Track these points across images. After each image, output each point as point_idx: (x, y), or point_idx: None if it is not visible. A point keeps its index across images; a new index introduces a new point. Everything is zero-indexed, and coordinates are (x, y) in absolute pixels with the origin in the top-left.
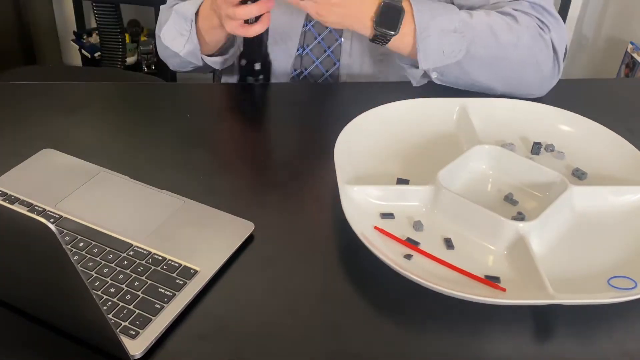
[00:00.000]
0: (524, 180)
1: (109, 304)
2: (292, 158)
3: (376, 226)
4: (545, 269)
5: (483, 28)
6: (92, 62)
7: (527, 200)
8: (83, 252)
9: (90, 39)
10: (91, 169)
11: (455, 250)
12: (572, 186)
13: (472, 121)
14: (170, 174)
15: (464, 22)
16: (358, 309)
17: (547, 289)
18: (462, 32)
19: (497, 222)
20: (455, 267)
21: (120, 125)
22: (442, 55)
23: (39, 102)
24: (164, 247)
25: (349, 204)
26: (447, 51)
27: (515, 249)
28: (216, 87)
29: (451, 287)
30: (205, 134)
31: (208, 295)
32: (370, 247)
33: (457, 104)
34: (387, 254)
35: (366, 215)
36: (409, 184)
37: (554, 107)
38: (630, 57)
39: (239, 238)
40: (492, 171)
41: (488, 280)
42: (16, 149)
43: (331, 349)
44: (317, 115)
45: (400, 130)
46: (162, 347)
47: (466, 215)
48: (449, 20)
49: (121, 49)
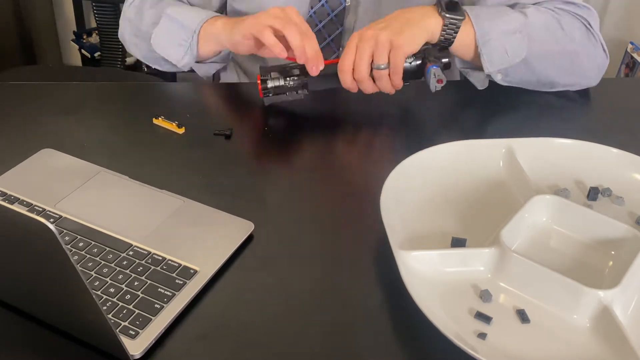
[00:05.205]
0: (590, 234)
1: (109, 304)
2: (292, 158)
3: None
4: (637, 342)
5: (540, 25)
6: (92, 62)
7: (598, 258)
8: (83, 252)
9: (90, 39)
10: (91, 169)
11: (531, 323)
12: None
13: (521, 165)
14: (170, 174)
15: (522, 22)
16: (358, 309)
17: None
18: (522, 32)
19: (576, 291)
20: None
21: (120, 125)
22: (506, 57)
23: (39, 102)
24: (164, 247)
25: (407, 273)
26: (510, 52)
27: (599, 321)
28: (216, 87)
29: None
30: (205, 134)
31: (208, 295)
32: (440, 328)
33: (502, 145)
34: (458, 332)
35: (427, 285)
36: (466, 244)
37: (603, 145)
38: (630, 57)
39: (239, 238)
40: (554, 224)
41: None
42: (16, 149)
43: (331, 349)
44: (317, 114)
45: (444, 176)
46: (162, 347)
47: (539, 283)
48: (507, 22)
49: (121, 49)
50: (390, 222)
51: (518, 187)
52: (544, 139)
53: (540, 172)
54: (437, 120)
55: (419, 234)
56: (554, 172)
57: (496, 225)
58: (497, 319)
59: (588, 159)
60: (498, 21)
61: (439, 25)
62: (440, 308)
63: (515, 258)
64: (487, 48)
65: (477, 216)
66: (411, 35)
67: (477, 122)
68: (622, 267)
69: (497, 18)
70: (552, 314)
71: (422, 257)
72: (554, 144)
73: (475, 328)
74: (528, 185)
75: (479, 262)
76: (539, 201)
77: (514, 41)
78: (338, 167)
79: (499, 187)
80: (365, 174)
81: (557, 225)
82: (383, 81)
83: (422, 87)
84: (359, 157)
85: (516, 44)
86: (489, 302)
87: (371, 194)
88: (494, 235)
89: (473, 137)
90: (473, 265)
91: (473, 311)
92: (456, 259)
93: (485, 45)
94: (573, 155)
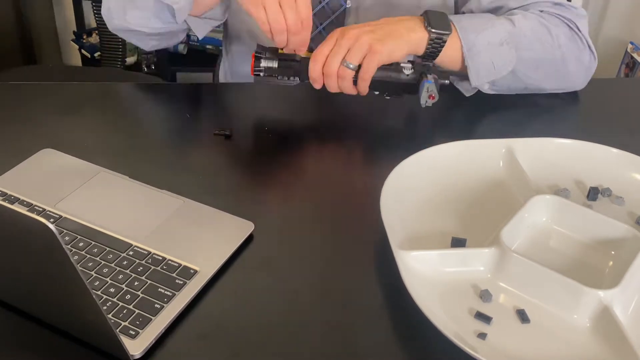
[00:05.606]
0: (590, 234)
1: (109, 304)
2: (292, 158)
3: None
4: (637, 341)
5: (527, 33)
6: (92, 62)
7: (598, 258)
8: (83, 252)
9: (90, 39)
10: (91, 169)
11: (531, 323)
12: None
13: (521, 165)
14: (170, 174)
15: (509, 32)
16: (358, 309)
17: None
18: (509, 43)
19: (576, 291)
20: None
21: (120, 125)
22: (492, 70)
23: (39, 102)
24: (164, 247)
25: (407, 273)
26: (497, 64)
27: (599, 321)
28: (216, 87)
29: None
30: (205, 134)
31: (208, 295)
32: (440, 328)
33: (502, 145)
34: (458, 332)
35: (427, 285)
36: (466, 244)
37: (603, 145)
38: (630, 57)
39: (239, 238)
40: (554, 224)
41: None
42: (16, 149)
43: (331, 349)
44: (317, 114)
45: (444, 176)
46: (162, 347)
47: (539, 282)
48: (494, 34)
49: (121, 48)
50: (390, 222)
51: (518, 187)
52: (544, 139)
53: (540, 172)
54: (437, 120)
55: (418, 234)
56: (554, 172)
57: (496, 225)
58: (497, 319)
59: (588, 159)
60: (485, 33)
61: (425, 39)
62: (440, 308)
63: (515, 258)
64: (473, 61)
65: (477, 216)
66: (392, 46)
67: (477, 122)
68: (622, 267)
69: (484, 30)
70: (552, 313)
71: (422, 257)
72: (554, 144)
73: (475, 328)
74: (528, 185)
75: (478, 262)
76: (539, 201)
77: (502, 53)
78: (338, 167)
79: (499, 187)
80: (365, 174)
81: (557, 225)
82: (345, 82)
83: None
84: (359, 157)
85: (504, 56)
86: (489, 302)
87: (371, 194)
88: (493, 235)
89: (473, 137)
90: (473, 265)
91: (473, 311)
92: (456, 259)
93: (472, 58)
94: (573, 155)
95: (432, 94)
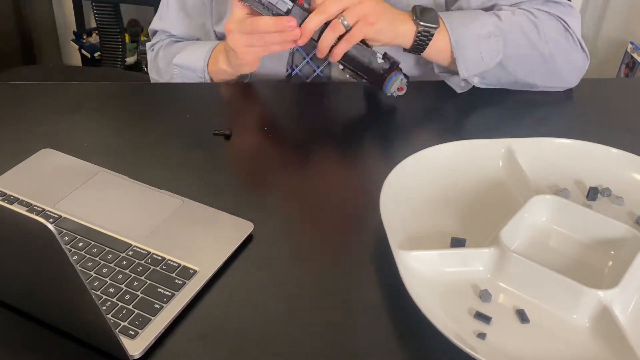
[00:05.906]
0: (590, 234)
1: (108, 304)
2: (292, 158)
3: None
4: (637, 341)
5: (514, 28)
6: (92, 62)
7: (597, 258)
8: (82, 252)
9: (90, 39)
10: (90, 169)
11: (531, 323)
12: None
13: (521, 165)
14: (169, 174)
15: (496, 25)
16: (358, 309)
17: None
18: (497, 35)
19: (576, 291)
20: None
21: (120, 125)
22: (481, 61)
23: (39, 102)
24: (163, 247)
25: (407, 273)
26: (485, 56)
27: (599, 321)
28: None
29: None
30: (205, 134)
31: (207, 295)
32: (440, 328)
33: (502, 145)
34: (458, 332)
35: (427, 285)
36: (466, 244)
37: (603, 145)
38: (630, 57)
39: (238, 238)
40: (554, 224)
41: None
42: (16, 149)
43: (331, 349)
44: (317, 114)
45: (444, 176)
46: (162, 347)
47: (539, 282)
48: (481, 26)
49: (121, 48)
50: (389, 222)
51: (518, 187)
52: (543, 139)
53: (540, 172)
54: (437, 120)
55: (418, 234)
56: (553, 172)
57: (496, 225)
58: (496, 319)
59: (588, 159)
60: (472, 25)
61: (412, 32)
62: (440, 308)
63: (515, 258)
64: (461, 53)
65: (476, 216)
66: (383, 27)
67: (476, 122)
68: (622, 267)
69: (471, 23)
70: (551, 313)
71: (421, 257)
72: (553, 144)
73: (474, 328)
74: (528, 185)
75: (478, 262)
76: (539, 201)
77: (489, 44)
78: (338, 167)
79: (499, 187)
80: (365, 174)
81: (557, 225)
82: (332, 34)
83: (423, 87)
84: (358, 157)
85: (491, 47)
86: (489, 302)
87: (371, 194)
88: (493, 235)
89: (473, 137)
90: (472, 265)
91: (473, 311)
92: (456, 259)
93: (460, 50)
94: (573, 155)
95: (402, 85)
